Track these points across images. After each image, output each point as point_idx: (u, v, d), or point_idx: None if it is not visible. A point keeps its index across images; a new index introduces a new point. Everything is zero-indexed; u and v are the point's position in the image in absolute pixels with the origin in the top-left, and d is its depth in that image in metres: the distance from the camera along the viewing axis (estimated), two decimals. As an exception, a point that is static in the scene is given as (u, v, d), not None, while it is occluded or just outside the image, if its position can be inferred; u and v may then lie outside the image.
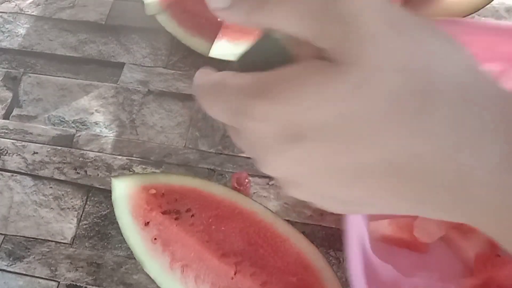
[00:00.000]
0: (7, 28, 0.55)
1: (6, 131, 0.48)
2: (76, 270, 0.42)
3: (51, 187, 0.45)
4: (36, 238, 0.43)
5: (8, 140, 0.48)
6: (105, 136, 0.47)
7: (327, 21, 0.17)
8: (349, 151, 0.18)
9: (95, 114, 0.49)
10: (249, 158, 0.45)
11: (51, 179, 0.46)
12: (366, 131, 0.17)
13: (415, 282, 0.35)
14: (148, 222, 0.39)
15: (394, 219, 0.39)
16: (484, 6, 0.46)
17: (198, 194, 0.40)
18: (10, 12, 0.56)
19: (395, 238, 0.38)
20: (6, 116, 0.49)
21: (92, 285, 0.41)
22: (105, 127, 0.48)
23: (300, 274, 0.37)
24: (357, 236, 0.32)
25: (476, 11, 0.47)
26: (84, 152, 0.47)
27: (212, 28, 0.47)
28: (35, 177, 0.46)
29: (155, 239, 0.38)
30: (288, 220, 0.41)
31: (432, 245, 0.38)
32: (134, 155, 0.46)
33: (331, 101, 0.17)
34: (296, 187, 0.21)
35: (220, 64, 0.46)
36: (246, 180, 0.44)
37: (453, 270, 0.37)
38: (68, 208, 0.44)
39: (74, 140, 0.47)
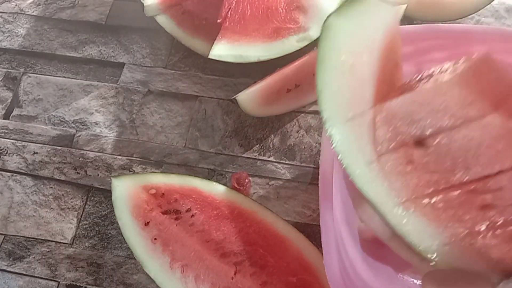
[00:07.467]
0: (7, 28, 0.55)
1: (6, 131, 0.48)
2: (76, 270, 0.42)
3: (51, 187, 0.45)
4: (36, 238, 0.43)
5: (8, 140, 0.48)
6: (105, 136, 0.47)
7: None
8: None
9: (95, 114, 0.49)
10: (249, 158, 0.45)
11: (51, 179, 0.46)
12: None
13: (407, 281, 0.35)
14: (148, 222, 0.39)
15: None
16: (484, 6, 0.47)
17: (198, 194, 0.40)
18: (10, 12, 0.56)
19: None
20: (6, 116, 0.49)
21: (92, 285, 0.41)
22: (105, 127, 0.48)
23: (300, 274, 0.37)
24: (335, 240, 0.32)
25: (476, 11, 0.47)
26: (84, 152, 0.47)
27: (211, 29, 0.47)
28: (35, 177, 0.46)
29: (155, 239, 0.38)
30: (288, 220, 0.41)
31: None
32: (134, 155, 0.46)
33: None
34: None
35: (220, 65, 0.47)
36: (246, 180, 0.44)
37: None
38: (68, 208, 0.44)
39: (74, 140, 0.47)
